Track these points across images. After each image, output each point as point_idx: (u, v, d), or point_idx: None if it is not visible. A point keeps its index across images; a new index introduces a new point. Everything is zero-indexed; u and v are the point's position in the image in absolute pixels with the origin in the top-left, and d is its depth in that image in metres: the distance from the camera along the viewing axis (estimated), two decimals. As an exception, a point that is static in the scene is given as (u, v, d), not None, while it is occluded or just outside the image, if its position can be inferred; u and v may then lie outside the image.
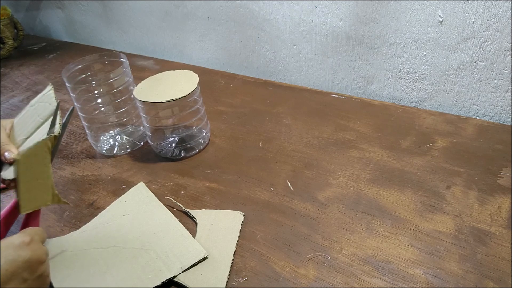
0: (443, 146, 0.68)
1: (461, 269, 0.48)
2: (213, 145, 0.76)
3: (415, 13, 0.74)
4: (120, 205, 0.63)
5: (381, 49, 0.82)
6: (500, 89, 0.73)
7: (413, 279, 0.47)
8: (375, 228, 0.55)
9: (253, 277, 0.50)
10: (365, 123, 0.76)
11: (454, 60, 0.75)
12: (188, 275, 0.50)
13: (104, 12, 1.27)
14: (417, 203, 0.58)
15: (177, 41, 1.16)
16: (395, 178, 0.62)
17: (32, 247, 0.43)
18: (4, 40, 1.30)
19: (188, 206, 0.62)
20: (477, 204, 0.56)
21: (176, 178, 0.69)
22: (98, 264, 0.53)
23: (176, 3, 1.07)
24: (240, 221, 0.58)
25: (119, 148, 0.77)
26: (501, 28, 0.68)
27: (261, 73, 1.04)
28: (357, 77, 0.89)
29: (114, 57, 0.76)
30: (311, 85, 0.96)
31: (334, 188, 0.62)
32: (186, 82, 0.70)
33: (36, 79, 1.13)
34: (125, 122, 0.79)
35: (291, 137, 0.75)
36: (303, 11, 0.87)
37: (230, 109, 0.86)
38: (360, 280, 0.48)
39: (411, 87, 0.83)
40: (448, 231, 0.53)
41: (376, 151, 0.69)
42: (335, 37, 0.86)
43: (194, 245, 0.53)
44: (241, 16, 0.97)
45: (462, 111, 0.79)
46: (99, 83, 0.71)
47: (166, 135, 0.76)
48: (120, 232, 0.58)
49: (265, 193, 0.63)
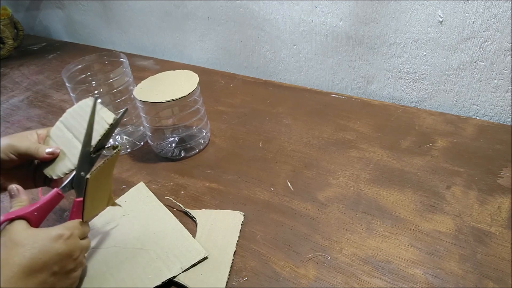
0: (443, 146, 0.68)
1: (461, 269, 0.48)
2: (213, 145, 0.76)
3: (415, 13, 0.74)
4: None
5: (381, 49, 0.82)
6: (500, 89, 0.73)
7: (413, 279, 0.47)
8: (375, 228, 0.55)
9: (253, 277, 0.50)
10: (365, 123, 0.76)
11: (454, 60, 0.75)
12: (188, 275, 0.50)
13: (104, 12, 1.27)
14: (417, 203, 0.58)
15: (177, 41, 1.16)
16: (395, 178, 0.62)
17: (69, 242, 0.44)
18: (4, 40, 1.30)
19: (188, 206, 0.62)
20: (477, 204, 0.56)
21: (176, 178, 0.69)
22: (98, 264, 0.53)
23: (176, 3, 1.07)
24: (240, 221, 0.58)
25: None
26: (501, 28, 0.68)
27: (261, 73, 1.04)
28: (357, 77, 0.89)
29: (114, 57, 0.76)
30: (311, 85, 0.96)
31: (334, 188, 0.62)
32: (186, 82, 0.70)
33: (36, 79, 1.13)
34: (125, 122, 0.79)
35: (291, 137, 0.75)
36: (303, 11, 0.87)
37: (230, 109, 0.86)
38: (360, 280, 0.48)
39: (411, 87, 0.83)
40: (448, 231, 0.53)
41: (376, 151, 0.69)
42: (335, 37, 0.86)
43: (194, 245, 0.53)
44: (241, 16, 0.97)
45: (462, 111, 0.79)
46: (99, 83, 0.71)
47: (166, 135, 0.76)
48: (120, 232, 0.58)
49: (265, 193, 0.63)
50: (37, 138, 0.53)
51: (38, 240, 0.42)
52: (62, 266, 0.43)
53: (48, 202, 0.47)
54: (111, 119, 0.51)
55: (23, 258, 0.40)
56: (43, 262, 0.41)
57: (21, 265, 0.40)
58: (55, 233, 0.43)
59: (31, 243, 0.41)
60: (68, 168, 0.51)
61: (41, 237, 0.42)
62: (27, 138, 0.52)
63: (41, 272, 0.41)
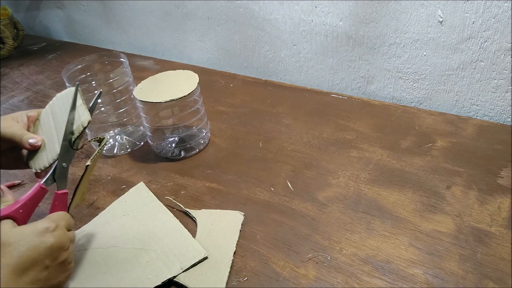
0: (443, 146, 0.68)
1: (461, 269, 0.48)
2: (213, 145, 0.76)
3: (415, 13, 0.74)
4: (120, 205, 0.63)
5: (381, 49, 0.82)
6: (500, 89, 0.73)
7: (413, 279, 0.47)
8: (375, 228, 0.55)
9: (253, 277, 0.50)
10: (365, 123, 0.76)
11: (454, 60, 0.75)
12: (188, 275, 0.50)
13: (104, 12, 1.27)
14: (417, 203, 0.58)
15: (177, 41, 1.16)
16: (395, 178, 0.62)
17: (56, 233, 0.43)
18: (4, 40, 1.30)
19: (188, 206, 0.62)
20: (477, 204, 0.56)
21: (176, 178, 0.69)
22: (98, 264, 0.53)
23: (176, 3, 1.07)
24: (240, 221, 0.58)
25: (119, 148, 0.78)
26: (501, 28, 0.68)
27: (261, 73, 1.04)
28: (357, 77, 0.89)
29: (114, 57, 0.76)
30: (311, 85, 0.96)
31: (334, 188, 0.62)
32: (186, 82, 0.70)
33: (36, 79, 1.13)
34: (125, 122, 0.79)
35: (291, 137, 0.75)
36: (303, 11, 0.87)
37: (230, 109, 0.86)
38: (360, 280, 0.48)
39: (411, 87, 0.83)
40: (448, 231, 0.53)
41: (376, 151, 0.69)
42: (335, 37, 0.86)
43: (194, 245, 0.53)
44: (241, 16, 0.97)
45: (462, 111, 0.79)
46: (99, 83, 0.71)
47: (166, 135, 0.76)
48: (120, 232, 0.58)
49: (265, 193, 0.63)
50: (27, 121, 0.53)
51: (24, 237, 0.41)
52: (54, 259, 0.42)
53: (32, 198, 0.46)
54: (86, 122, 0.50)
55: (11, 257, 0.39)
56: (32, 259, 0.40)
57: (10, 265, 0.38)
58: (41, 226, 0.42)
59: (17, 241, 0.40)
60: (44, 164, 0.50)
61: (27, 233, 0.41)
62: (16, 123, 0.52)
63: (32, 269, 0.40)
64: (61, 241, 0.43)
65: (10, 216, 0.43)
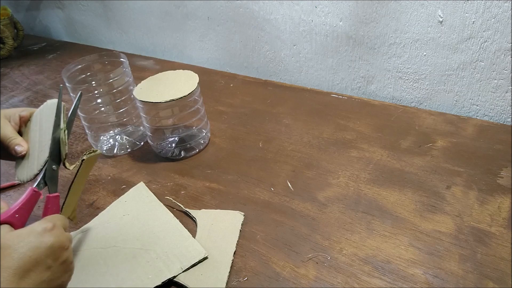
0: (443, 146, 0.68)
1: (461, 269, 0.48)
2: (213, 145, 0.76)
3: (415, 13, 0.74)
4: (120, 205, 0.63)
5: (381, 49, 0.82)
6: (500, 89, 0.73)
7: (413, 279, 0.47)
8: (375, 228, 0.55)
9: (253, 277, 0.50)
10: (365, 123, 0.76)
11: (454, 60, 0.75)
12: (188, 275, 0.50)
13: (104, 12, 1.27)
14: (417, 203, 0.58)
15: (177, 41, 1.16)
16: (395, 178, 0.62)
17: (55, 233, 0.42)
18: (4, 40, 1.30)
19: (188, 206, 0.62)
20: (477, 204, 0.56)
21: (176, 178, 0.69)
22: (98, 264, 0.53)
23: (176, 3, 1.07)
24: (240, 221, 0.58)
25: (119, 148, 0.78)
26: (501, 28, 0.68)
27: (261, 73, 1.04)
28: (357, 77, 0.89)
29: (114, 57, 0.76)
30: (311, 85, 0.96)
31: (334, 188, 0.62)
32: (186, 82, 0.70)
33: (36, 79, 1.13)
34: (125, 122, 0.79)
35: (291, 137, 0.75)
36: (303, 11, 0.87)
37: (230, 109, 0.86)
38: (360, 280, 0.48)
39: (411, 87, 0.83)
40: (448, 231, 0.53)
41: (376, 151, 0.69)
42: (335, 37, 0.86)
43: (194, 245, 0.53)
44: (241, 16, 0.97)
45: (462, 111, 0.79)
46: (99, 83, 0.71)
47: (166, 135, 0.76)
48: (120, 232, 0.58)
49: (265, 193, 0.63)
50: (19, 121, 0.53)
51: (23, 238, 0.40)
52: (56, 258, 0.42)
53: (26, 202, 0.46)
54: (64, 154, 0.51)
55: (12, 260, 0.38)
56: (33, 260, 0.40)
57: (12, 268, 0.38)
58: (39, 227, 0.42)
59: (17, 243, 0.40)
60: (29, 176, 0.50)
61: (26, 235, 0.41)
62: (8, 124, 0.51)
63: (35, 270, 0.40)
64: (60, 240, 0.43)
65: (7, 222, 0.43)
